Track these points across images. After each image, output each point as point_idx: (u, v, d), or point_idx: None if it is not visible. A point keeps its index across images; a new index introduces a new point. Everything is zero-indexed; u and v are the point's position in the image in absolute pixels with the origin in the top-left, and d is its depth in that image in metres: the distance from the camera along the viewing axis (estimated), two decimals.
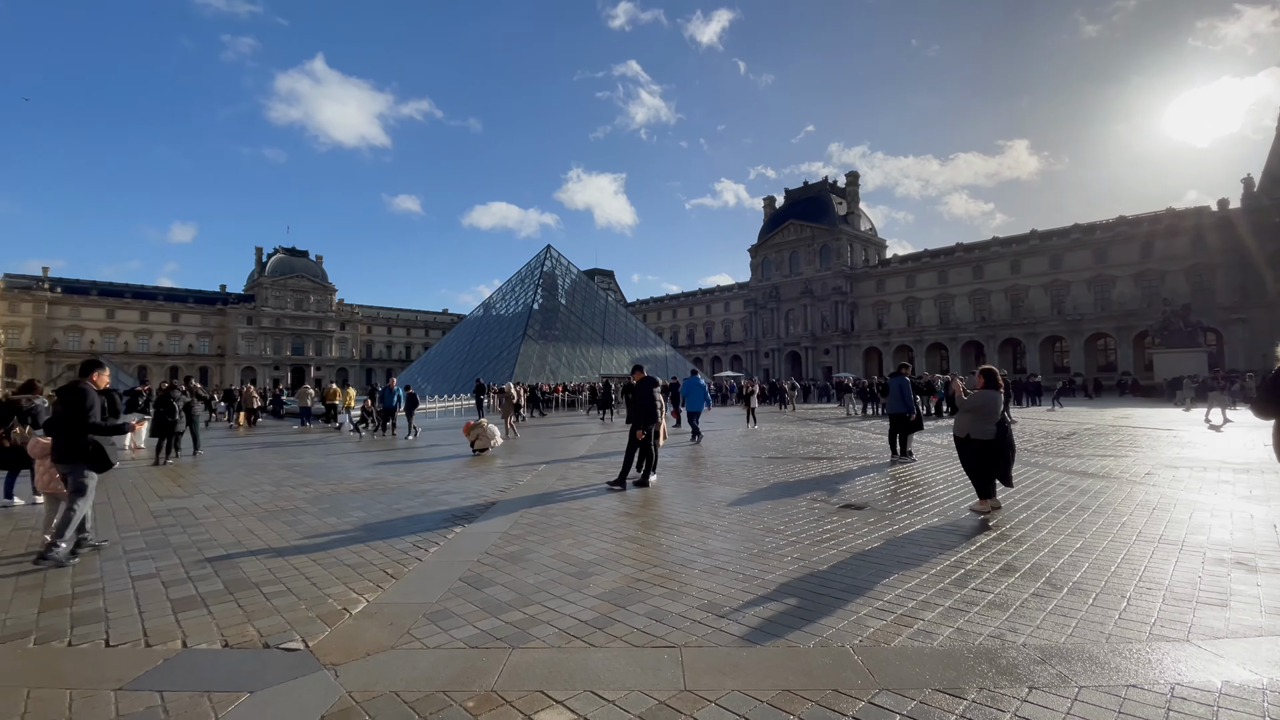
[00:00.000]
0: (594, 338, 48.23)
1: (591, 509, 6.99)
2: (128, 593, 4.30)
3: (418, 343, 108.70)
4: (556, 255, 50.66)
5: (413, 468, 10.67)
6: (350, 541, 5.65)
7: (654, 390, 8.64)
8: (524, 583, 4.43)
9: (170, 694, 2.89)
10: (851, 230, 77.47)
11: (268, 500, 7.65)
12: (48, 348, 76.26)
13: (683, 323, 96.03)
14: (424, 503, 7.45)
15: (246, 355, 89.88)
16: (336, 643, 3.44)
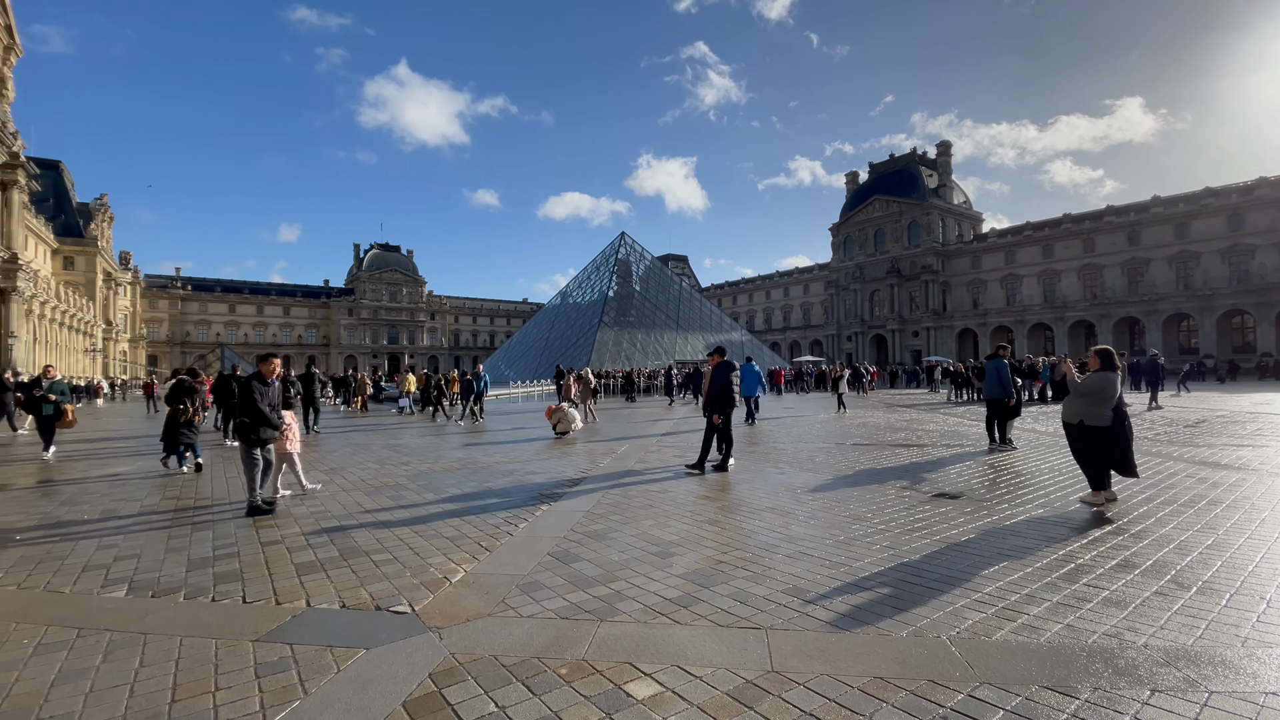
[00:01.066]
0: (669, 323, 48.29)
1: (670, 491, 7.05)
2: (258, 556, 4.80)
3: (500, 331, 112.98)
4: (631, 242, 50.93)
5: (500, 449, 11.16)
6: (447, 516, 6.01)
7: (731, 375, 8.54)
8: (609, 560, 4.56)
9: (299, 647, 3.22)
10: (943, 204, 72.72)
11: (373, 477, 8.26)
12: (182, 339, 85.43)
13: (759, 306, 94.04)
14: (511, 481, 7.79)
15: (348, 345, 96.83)
16: (439, 608, 3.69)
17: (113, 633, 3.43)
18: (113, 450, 12.36)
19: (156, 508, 6.66)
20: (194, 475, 8.74)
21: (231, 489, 7.65)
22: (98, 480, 8.49)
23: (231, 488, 7.73)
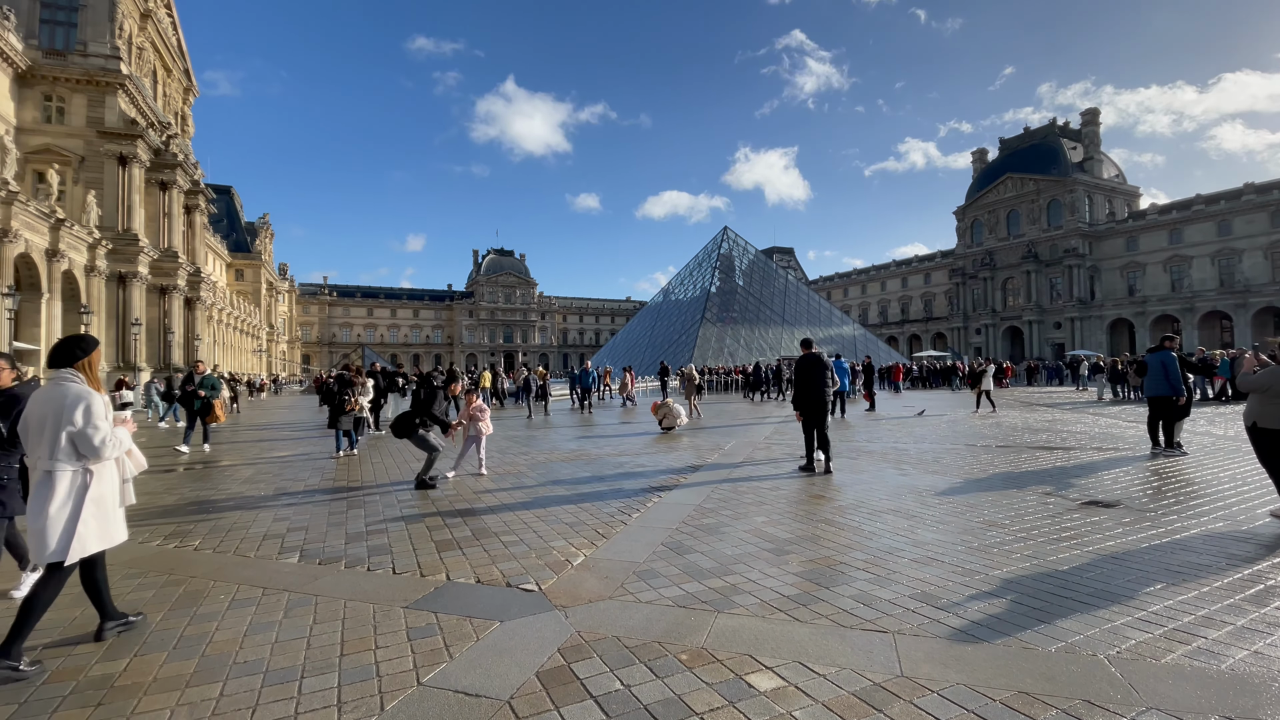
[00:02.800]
0: (774, 318, 47.06)
1: (782, 489, 6.91)
2: (403, 532, 5.31)
3: (605, 329, 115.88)
4: (734, 237, 50.18)
5: (610, 442, 11.50)
6: (565, 503, 6.30)
7: (820, 370, 7.83)
8: (722, 553, 4.56)
9: (442, 615, 3.53)
10: (1089, 179, 64.97)
11: (496, 465, 8.82)
12: (329, 340, 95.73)
13: (873, 299, 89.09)
14: (623, 473, 8.01)
15: (469, 344, 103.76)
16: (563, 588, 3.89)
17: (290, 593, 3.95)
18: (280, 437, 14.16)
19: (318, 487, 7.56)
20: (349, 459, 9.82)
21: (378, 472, 8.50)
22: (270, 462, 9.77)
23: (378, 471, 8.60)
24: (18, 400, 3.67)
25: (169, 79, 47.41)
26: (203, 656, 3.07)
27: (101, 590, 3.32)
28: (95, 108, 35.12)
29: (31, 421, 3.14)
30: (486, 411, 8.38)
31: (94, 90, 34.99)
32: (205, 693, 2.73)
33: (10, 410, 3.63)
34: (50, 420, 3.09)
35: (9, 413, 3.63)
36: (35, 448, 3.12)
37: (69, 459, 3.10)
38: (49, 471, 3.08)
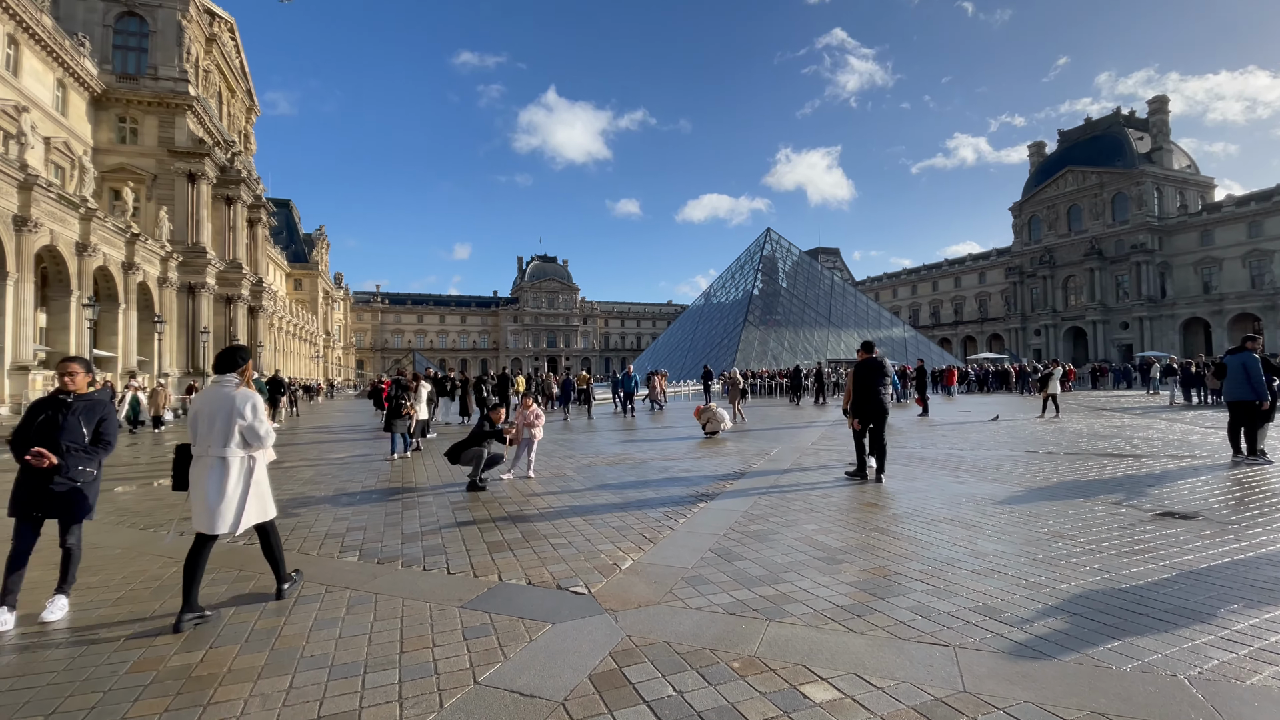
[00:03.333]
0: (819, 320, 46.17)
1: (832, 497, 6.77)
2: (456, 534, 5.44)
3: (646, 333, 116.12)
4: (776, 238, 49.51)
5: (654, 446, 11.50)
6: (612, 506, 6.34)
7: (878, 375, 7.51)
8: (772, 561, 4.50)
9: (495, 615, 3.60)
10: (1158, 170, 61.48)
11: (543, 468, 8.94)
12: (381, 346, 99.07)
13: (924, 299, 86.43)
14: (667, 478, 8.00)
15: (514, 348, 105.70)
16: (612, 592, 3.92)
17: (351, 591, 4.10)
18: (337, 439, 14.72)
19: (375, 488, 7.82)
20: (404, 461, 10.14)
21: (431, 475, 8.75)
22: (328, 464, 10.17)
23: (431, 474, 8.84)
24: (98, 406, 3.90)
25: (233, 99, 50.15)
26: (272, 650, 3.22)
27: (278, 556, 3.97)
28: (166, 128, 37.44)
29: (202, 416, 3.70)
30: (541, 418, 8.51)
31: (164, 112, 37.31)
32: (275, 684, 2.86)
33: (94, 416, 3.86)
34: (221, 415, 3.67)
35: (93, 416, 3.85)
36: (205, 438, 3.68)
37: (239, 447, 3.71)
38: (222, 458, 3.67)
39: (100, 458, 3.90)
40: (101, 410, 3.92)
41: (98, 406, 3.91)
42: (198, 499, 3.66)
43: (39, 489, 3.69)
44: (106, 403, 3.99)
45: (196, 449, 3.73)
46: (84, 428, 3.81)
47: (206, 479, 3.64)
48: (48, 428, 3.75)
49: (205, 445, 3.68)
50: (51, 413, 3.80)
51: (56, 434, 3.72)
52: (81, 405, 3.85)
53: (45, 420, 3.77)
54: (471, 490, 7.33)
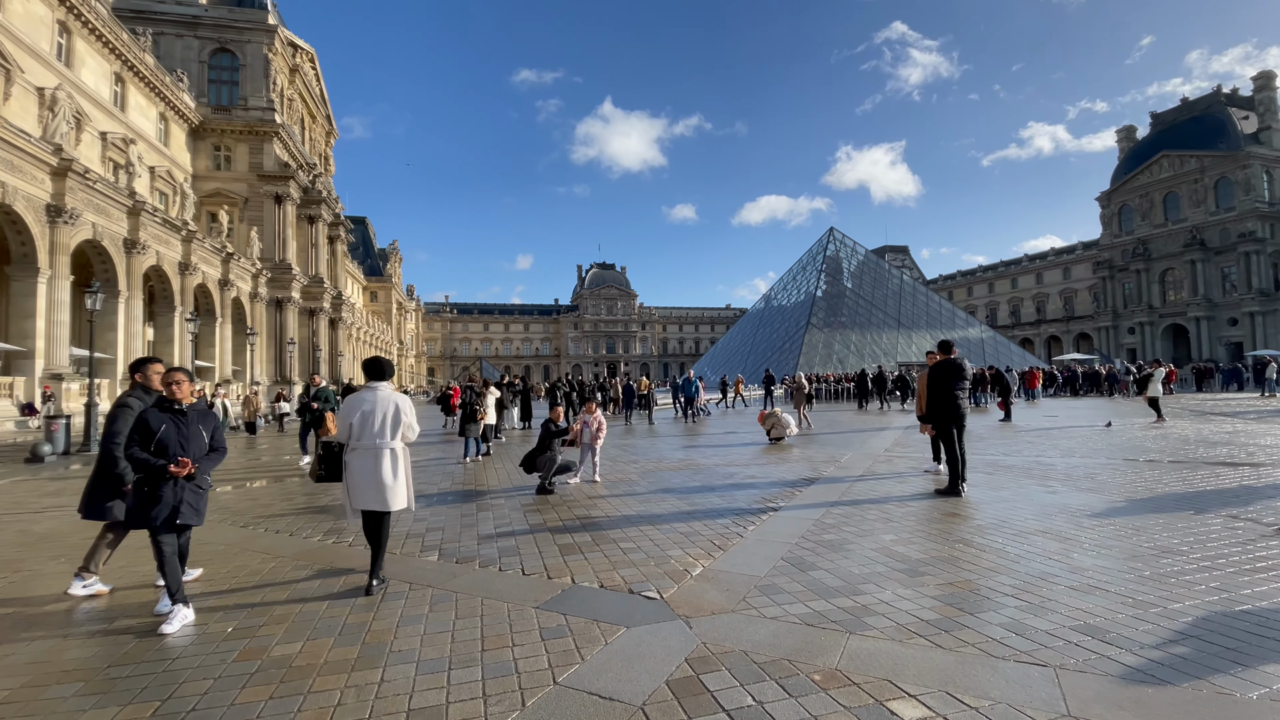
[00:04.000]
0: (887, 321, 44.49)
1: (910, 506, 6.50)
2: (529, 536, 5.57)
3: (705, 338, 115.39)
4: (840, 237, 48.14)
5: (718, 452, 11.39)
6: (678, 512, 6.32)
7: (954, 378, 7.13)
8: (849, 571, 4.36)
9: (571, 617, 3.65)
10: (1268, 152, 56.04)
11: (608, 472, 9.02)
12: (450, 354, 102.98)
13: (1001, 297, 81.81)
14: (733, 484, 7.89)
15: (574, 355, 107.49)
16: (684, 598, 3.90)
17: (433, 589, 4.26)
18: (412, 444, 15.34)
19: (450, 490, 8.11)
20: (476, 465, 10.48)
21: (502, 478, 9.00)
22: None
23: (502, 477, 9.09)
24: (212, 415, 4.13)
25: (313, 124, 53.58)
26: (363, 644, 3.38)
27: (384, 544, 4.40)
28: (255, 154, 40.40)
29: (375, 415, 4.27)
30: (604, 424, 8.61)
31: (254, 139, 40.29)
32: (368, 677, 3.01)
33: (209, 424, 4.07)
34: (390, 414, 4.31)
35: (208, 426, 4.05)
36: (377, 433, 4.26)
37: (400, 440, 4.36)
38: (393, 450, 4.32)
39: (217, 463, 4.13)
40: (214, 419, 4.14)
41: (210, 416, 4.11)
42: (370, 483, 4.22)
43: (173, 497, 3.81)
44: (214, 412, 4.25)
45: (362, 443, 4.25)
46: (205, 435, 4.02)
47: (379, 467, 4.24)
48: (167, 440, 3.86)
49: (374, 439, 4.25)
50: (172, 422, 3.92)
51: (185, 443, 3.89)
52: (196, 414, 4.03)
53: (167, 431, 3.87)
54: (540, 493, 7.49)
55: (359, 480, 4.26)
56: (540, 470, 7.66)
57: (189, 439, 3.93)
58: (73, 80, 27.64)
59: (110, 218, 24.87)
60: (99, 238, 24.16)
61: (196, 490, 3.95)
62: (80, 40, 28.64)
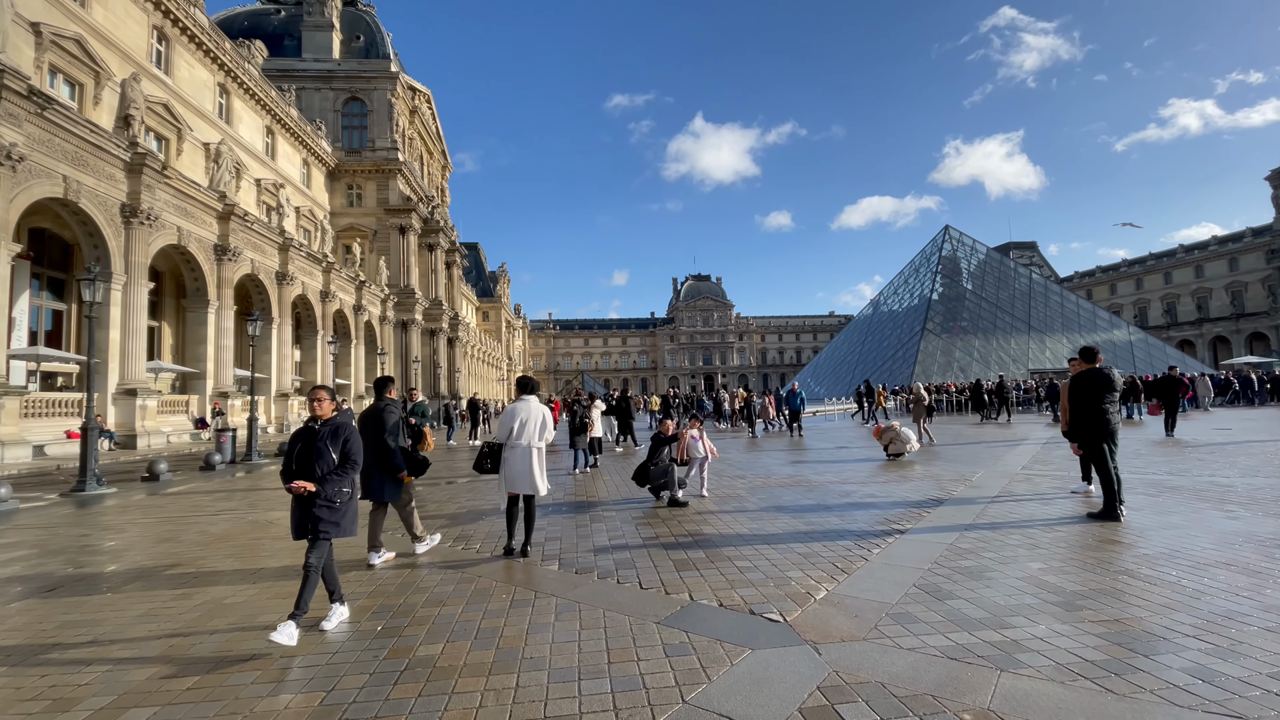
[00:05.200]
0: (1016, 325, 40.77)
1: (1059, 531, 5.88)
2: (643, 550, 5.62)
3: (807, 347, 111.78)
4: (957, 236, 44.96)
5: (830, 468, 10.93)
6: (794, 533, 6.11)
7: (1101, 389, 6.39)
8: (992, 601, 4.01)
9: (693, 635, 3.63)
10: None
11: (715, 488, 8.92)
12: (553, 369, 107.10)
13: (1152, 294, 72.56)
14: (851, 503, 7.53)
15: (671, 367, 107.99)
16: (809, 622, 3.75)
17: (556, 598, 4.40)
18: None
19: (563, 501, 8.38)
20: (585, 476, 10.79)
21: (611, 489, 9.18)
22: None
23: (611, 488, 9.28)
24: (343, 427, 4.10)
25: (431, 160, 58.17)
26: (497, 649, 3.56)
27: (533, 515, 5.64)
28: (382, 190, 44.48)
29: (529, 421, 5.46)
30: (705, 441, 8.51)
31: (380, 177, 44.41)
32: (504, 681, 3.15)
33: (339, 437, 4.06)
34: (538, 420, 5.51)
35: (338, 439, 4.05)
36: (528, 435, 5.42)
37: (542, 441, 5.53)
38: (539, 449, 5.49)
39: (350, 476, 4.08)
40: (345, 431, 4.12)
41: (341, 429, 4.09)
42: (521, 474, 5.40)
43: (306, 513, 3.95)
44: (347, 424, 4.18)
45: (519, 442, 5.40)
46: (332, 451, 4.00)
47: (530, 461, 5.40)
48: (305, 457, 3.99)
49: (527, 439, 5.42)
50: (305, 441, 4.03)
51: (313, 461, 3.96)
52: (328, 429, 4.05)
53: (302, 449, 4.01)
54: (672, 506, 7.54)
55: (515, 471, 5.40)
56: (652, 482, 7.73)
57: (317, 457, 3.97)
58: (232, 135, 31.89)
59: (265, 254, 28.31)
60: (256, 272, 27.56)
61: (329, 505, 3.94)
62: (237, 99, 33.02)
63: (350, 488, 4.09)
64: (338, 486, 3.98)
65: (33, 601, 4.77)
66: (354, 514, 4.16)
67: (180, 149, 27.60)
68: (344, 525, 4.05)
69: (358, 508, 4.23)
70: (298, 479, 3.94)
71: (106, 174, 19.03)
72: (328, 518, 3.94)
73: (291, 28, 47.31)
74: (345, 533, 4.07)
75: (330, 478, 3.96)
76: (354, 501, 4.16)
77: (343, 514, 4.03)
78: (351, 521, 4.13)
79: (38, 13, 20.32)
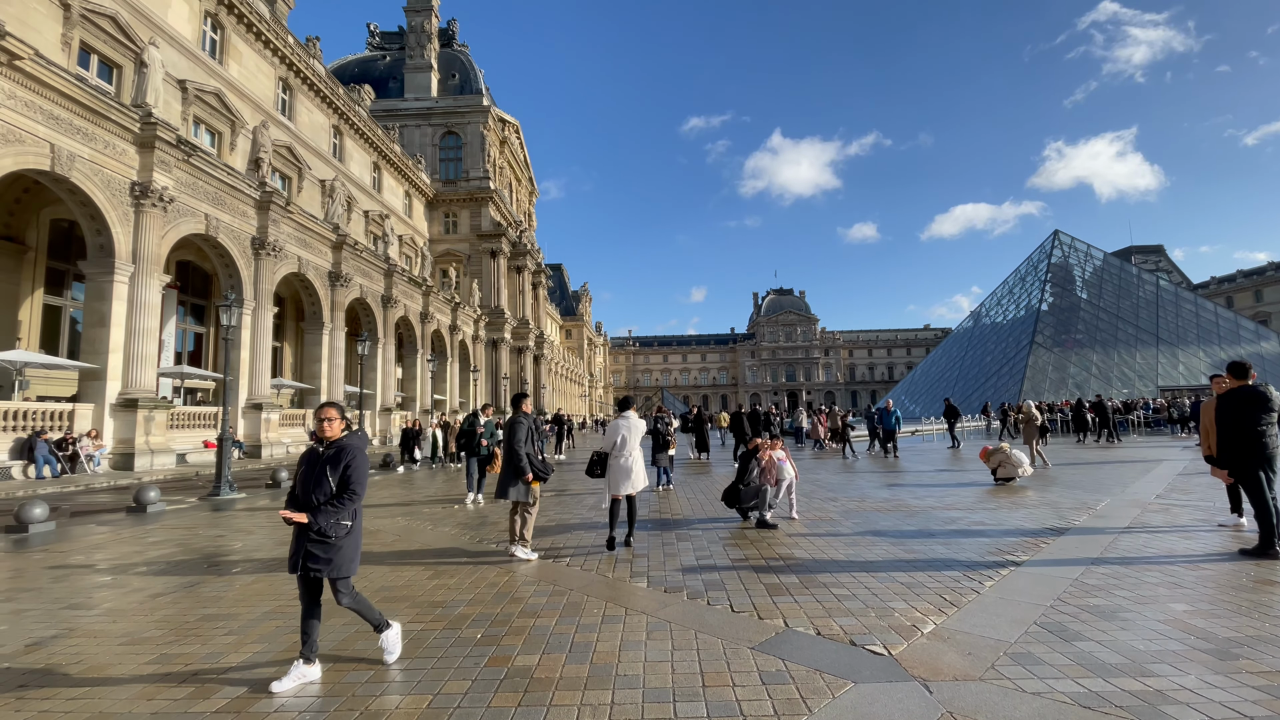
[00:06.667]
0: (1141, 337, 36.87)
1: (1206, 569, 5.21)
2: (732, 572, 5.50)
3: (900, 362, 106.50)
4: (1069, 241, 41.51)
5: (931, 492, 10.28)
6: (895, 560, 5.78)
7: (1255, 409, 5.65)
8: (1130, 646, 3.59)
9: (790, 663, 3.50)
10: None
11: (805, 509, 8.61)
12: (633, 385, 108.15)
13: None
14: (957, 530, 7.03)
15: (752, 384, 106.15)
16: (917, 658, 3.52)
17: (647, 616, 4.39)
18: None
19: (647, 518, 8.37)
20: (666, 493, 10.76)
21: (694, 507, 9.09)
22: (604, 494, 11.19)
23: (693, 506, 9.19)
24: (345, 451, 3.56)
25: (519, 186, 61.00)
26: (592, 664, 3.58)
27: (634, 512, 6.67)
28: (474, 217, 47.11)
29: (631, 433, 6.53)
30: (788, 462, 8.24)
31: (473, 205, 47.08)
32: (600, 697, 3.16)
33: (339, 462, 3.53)
34: (638, 432, 6.62)
35: (338, 464, 3.53)
36: (630, 445, 6.51)
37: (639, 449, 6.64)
38: (637, 459, 6.51)
39: (349, 506, 3.53)
40: (347, 455, 3.57)
41: (344, 452, 3.56)
42: (627, 478, 6.41)
43: (298, 545, 3.50)
44: (352, 447, 3.62)
45: (623, 451, 6.46)
46: (330, 477, 3.51)
47: (633, 467, 6.45)
48: (305, 482, 3.56)
49: (630, 449, 6.50)
50: (308, 465, 3.59)
51: (311, 488, 3.52)
52: (330, 453, 3.57)
53: (304, 474, 3.58)
54: (761, 527, 7.37)
55: (620, 476, 6.45)
56: (742, 503, 7.58)
57: (312, 484, 3.53)
58: (344, 171, 34.93)
59: (371, 279, 30.62)
60: (364, 296, 29.83)
61: (321, 540, 3.45)
62: (348, 139, 36.19)
63: (350, 519, 3.57)
64: (333, 519, 3.47)
65: (179, 594, 5.33)
66: (352, 551, 3.58)
67: (300, 186, 30.54)
68: (337, 562, 3.49)
69: (359, 542, 3.66)
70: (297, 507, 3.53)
71: (240, 211, 21.35)
72: (320, 554, 3.45)
73: (395, 71, 51.49)
74: (339, 572, 3.51)
75: (325, 508, 3.47)
76: (353, 536, 3.59)
77: (336, 549, 3.49)
78: (348, 559, 3.55)
79: (183, 71, 23.30)
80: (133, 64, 20.32)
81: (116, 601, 5.13)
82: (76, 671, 3.68)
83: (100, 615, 4.76)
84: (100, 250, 16.64)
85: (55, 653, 3.98)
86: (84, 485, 13.96)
